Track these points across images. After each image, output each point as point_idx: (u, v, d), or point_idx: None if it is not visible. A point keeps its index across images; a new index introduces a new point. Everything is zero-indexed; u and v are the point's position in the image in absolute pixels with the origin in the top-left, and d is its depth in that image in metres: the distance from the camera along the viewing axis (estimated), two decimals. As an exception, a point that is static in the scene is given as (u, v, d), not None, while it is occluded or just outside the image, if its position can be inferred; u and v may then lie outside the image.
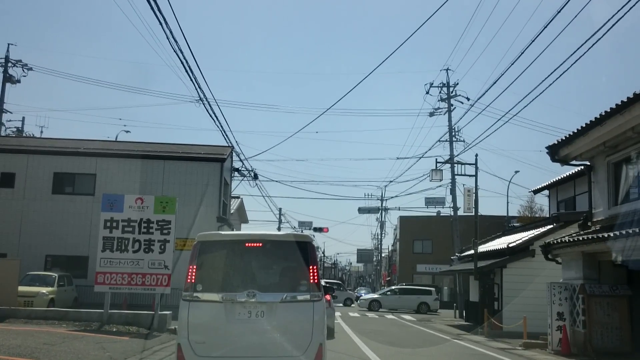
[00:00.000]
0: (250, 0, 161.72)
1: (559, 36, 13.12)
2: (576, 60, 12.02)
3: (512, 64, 16.19)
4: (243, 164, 29.65)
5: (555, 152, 14.03)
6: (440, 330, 20.70)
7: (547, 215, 26.26)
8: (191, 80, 14.60)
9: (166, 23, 11.37)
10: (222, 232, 7.46)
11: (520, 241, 19.78)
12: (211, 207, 24.93)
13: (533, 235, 19.74)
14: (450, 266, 30.28)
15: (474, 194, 26.00)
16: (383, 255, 75.63)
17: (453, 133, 33.03)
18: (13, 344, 10.13)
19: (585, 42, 11.32)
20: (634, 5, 9.60)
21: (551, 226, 19.14)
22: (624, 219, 11.38)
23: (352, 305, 39.35)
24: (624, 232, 10.30)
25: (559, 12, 12.18)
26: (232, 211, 31.25)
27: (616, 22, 10.11)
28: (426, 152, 49.17)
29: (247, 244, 6.67)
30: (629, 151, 12.16)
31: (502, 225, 35.28)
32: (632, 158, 12.25)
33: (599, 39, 10.81)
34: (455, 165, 31.66)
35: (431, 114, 34.90)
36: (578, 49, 11.75)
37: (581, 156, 13.81)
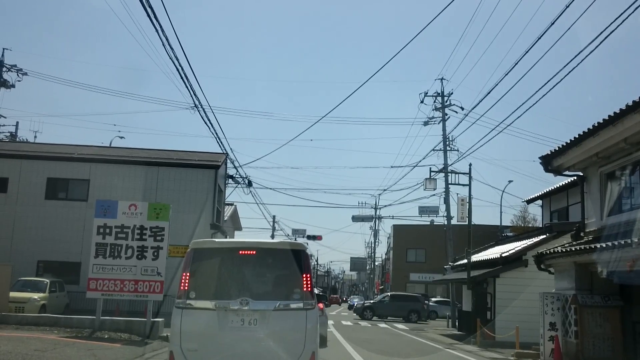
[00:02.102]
0: (246, 8, 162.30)
1: (552, 47, 13.25)
2: (569, 72, 12.12)
3: (506, 74, 16.32)
4: (237, 171, 29.67)
5: (549, 162, 14.10)
6: (433, 340, 20.69)
7: (540, 225, 26.35)
8: (186, 87, 14.67)
9: (162, 30, 11.42)
10: (216, 240, 7.46)
11: (513, 251, 19.83)
12: (205, 214, 24.88)
13: (526, 245, 19.80)
14: (444, 275, 30.34)
15: (467, 203, 26.07)
16: (376, 263, 75.65)
17: (447, 142, 33.15)
18: (3, 350, 10.07)
19: (579, 53, 11.44)
20: (626, 18, 9.71)
21: (544, 236, 19.19)
22: (616, 230, 11.44)
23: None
24: (616, 243, 10.35)
25: (552, 24, 12.32)
26: (225, 218, 31.21)
27: (609, 34, 10.23)
28: (420, 161, 49.55)
29: (240, 252, 6.67)
30: (622, 162, 12.24)
31: (496, 235, 35.37)
32: (624, 169, 12.32)
33: (592, 51, 10.94)
34: (449, 174, 31.75)
35: (425, 123, 35.04)
36: (571, 60, 11.86)
37: (574, 167, 13.88)
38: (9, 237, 23.89)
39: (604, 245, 10.74)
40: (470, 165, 34.47)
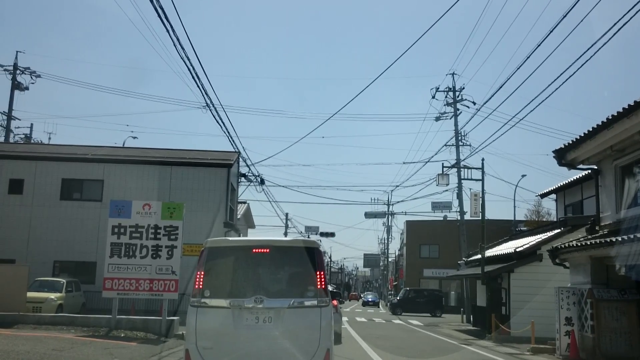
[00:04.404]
0: (257, 6, 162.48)
1: (565, 40, 13.12)
2: (582, 65, 12.00)
3: (518, 68, 16.14)
4: (250, 169, 29.78)
5: (562, 156, 13.98)
6: (448, 336, 20.64)
7: (555, 220, 26.15)
8: (198, 86, 14.70)
9: (173, 30, 11.46)
10: (230, 238, 7.49)
11: (528, 245, 19.70)
12: (218, 212, 24.97)
13: (540, 239, 19.67)
14: (458, 271, 30.22)
15: (480, 198, 25.91)
16: (390, 259, 75.49)
17: (459, 137, 32.98)
18: (22, 350, 10.20)
19: (592, 46, 11.32)
20: (640, 9, 9.59)
21: (558, 230, 19.05)
22: (632, 223, 11.33)
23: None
24: (631, 236, 10.26)
25: (565, 16, 12.20)
26: (238, 216, 31.30)
27: (623, 25, 10.12)
28: (432, 157, 49.31)
29: (254, 250, 6.69)
30: (637, 155, 12.11)
31: (509, 230, 35.14)
32: (639, 162, 12.20)
33: (605, 43, 10.81)
34: (462, 169, 31.56)
35: (437, 119, 34.86)
36: (584, 52, 11.74)
37: (588, 160, 13.75)
38: (25, 238, 24.16)
39: (620, 239, 10.65)
40: (482, 160, 34.00)
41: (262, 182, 31.00)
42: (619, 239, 10.71)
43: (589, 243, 12.23)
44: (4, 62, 33.52)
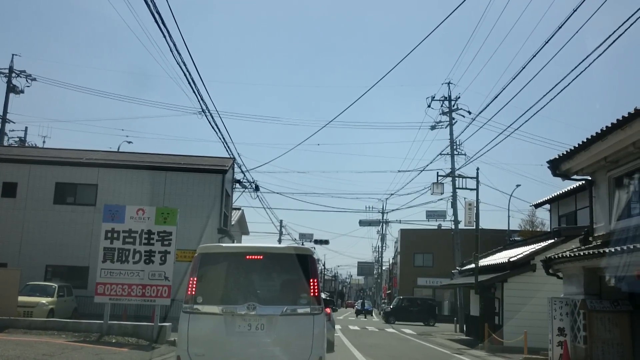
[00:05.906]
0: (253, 13, 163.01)
1: (559, 51, 13.20)
2: (577, 76, 12.07)
3: (513, 78, 16.26)
4: (244, 175, 29.68)
5: (557, 166, 14.02)
6: (441, 345, 20.61)
7: (548, 230, 26.22)
8: (194, 92, 14.69)
9: (170, 36, 11.48)
10: (223, 245, 7.49)
11: (521, 255, 19.73)
12: (212, 218, 24.92)
13: (534, 249, 19.69)
14: (451, 280, 30.23)
15: (475, 208, 25.99)
16: (384, 268, 75.44)
17: (454, 146, 33.07)
18: (12, 355, 10.12)
19: (586, 58, 11.40)
20: (634, 22, 9.66)
21: (552, 241, 19.09)
22: (625, 235, 11.36)
23: None
24: (625, 247, 10.28)
25: (560, 27, 12.27)
26: (233, 223, 31.22)
27: (619, 36, 10.19)
28: (427, 166, 49.20)
29: (247, 257, 6.68)
30: (631, 166, 12.16)
31: (503, 239, 35.19)
32: (633, 173, 12.24)
33: (601, 54, 10.88)
34: (457, 178, 31.65)
35: (432, 128, 34.94)
36: (579, 64, 11.81)
37: (582, 171, 13.80)
38: (17, 241, 24.02)
39: (613, 250, 10.67)
40: (477, 169, 34.27)
41: (256, 188, 30.95)
42: (611, 250, 10.74)
43: (582, 254, 12.25)
44: (0, 65, 33.53)
